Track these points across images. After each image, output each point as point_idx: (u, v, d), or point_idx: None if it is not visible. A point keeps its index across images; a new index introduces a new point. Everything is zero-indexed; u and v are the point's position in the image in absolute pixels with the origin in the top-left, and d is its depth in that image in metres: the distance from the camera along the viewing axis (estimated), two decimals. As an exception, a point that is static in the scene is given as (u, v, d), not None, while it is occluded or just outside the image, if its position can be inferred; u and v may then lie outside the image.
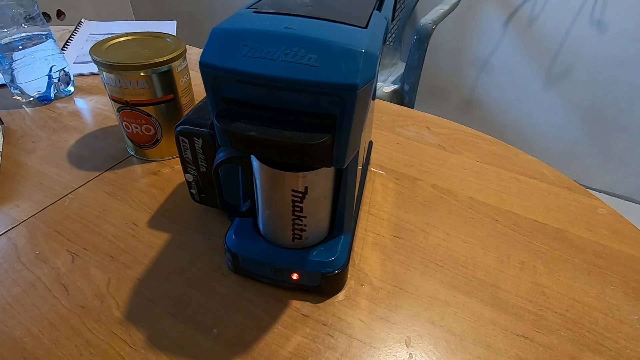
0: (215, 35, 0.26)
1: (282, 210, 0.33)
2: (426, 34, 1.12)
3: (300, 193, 0.31)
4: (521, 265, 0.41)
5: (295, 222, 0.33)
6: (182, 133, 0.39)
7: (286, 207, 0.32)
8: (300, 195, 0.31)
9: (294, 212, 0.33)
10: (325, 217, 0.35)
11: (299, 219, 0.33)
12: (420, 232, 0.44)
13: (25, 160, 0.53)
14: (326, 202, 0.34)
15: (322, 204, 0.34)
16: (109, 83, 0.47)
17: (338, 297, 0.37)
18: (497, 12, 1.58)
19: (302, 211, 0.33)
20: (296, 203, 0.32)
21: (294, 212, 0.33)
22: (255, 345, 0.33)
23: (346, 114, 0.25)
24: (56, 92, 0.66)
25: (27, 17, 0.58)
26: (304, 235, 0.35)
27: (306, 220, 0.33)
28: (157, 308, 0.35)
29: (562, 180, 0.52)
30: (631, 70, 1.45)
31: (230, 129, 0.26)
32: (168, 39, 0.51)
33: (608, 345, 0.34)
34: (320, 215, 0.35)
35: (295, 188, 0.31)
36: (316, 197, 0.32)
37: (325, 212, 0.35)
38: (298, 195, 0.31)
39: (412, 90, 1.25)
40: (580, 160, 1.71)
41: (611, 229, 0.45)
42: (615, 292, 0.38)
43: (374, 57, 0.25)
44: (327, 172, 0.32)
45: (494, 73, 1.70)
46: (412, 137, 0.60)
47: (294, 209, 0.32)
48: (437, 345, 0.33)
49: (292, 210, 0.32)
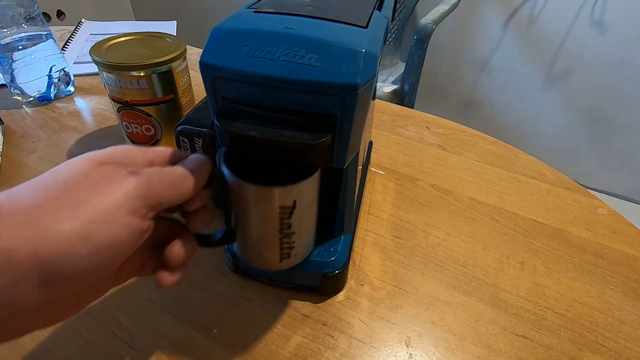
0: (215, 35, 0.26)
1: (267, 230, 0.28)
2: (426, 34, 1.12)
3: (289, 208, 0.27)
4: (521, 265, 0.41)
5: (283, 240, 0.29)
6: (183, 133, 0.39)
7: (272, 226, 0.28)
8: (289, 211, 0.27)
9: (282, 231, 0.28)
10: (314, 225, 0.32)
11: (287, 236, 0.29)
12: (420, 232, 0.44)
13: (25, 160, 0.53)
14: (313, 207, 0.30)
15: (310, 213, 0.30)
16: (109, 83, 0.47)
17: (338, 297, 0.37)
18: (497, 12, 1.58)
19: (291, 227, 0.28)
20: (284, 220, 0.28)
21: (282, 231, 0.28)
22: (255, 345, 0.33)
23: (346, 114, 0.25)
24: (56, 92, 0.66)
25: (27, 17, 0.58)
26: (293, 253, 0.31)
27: (295, 236, 0.29)
28: (157, 308, 0.35)
29: (562, 180, 0.52)
30: (631, 70, 1.45)
31: (231, 129, 0.26)
32: (168, 39, 0.51)
33: (608, 345, 0.34)
34: (309, 226, 0.31)
35: (284, 204, 0.27)
36: (305, 206, 0.28)
37: (313, 220, 0.31)
38: (286, 212, 0.27)
39: (412, 90, 1.25)
40: (580, 160, 1.71)
41: (611, 229, 0.45)
42: (615, 292, 0.38)
43: (374, 57, 0.25)
44: (316, 178, 0.28)
45: (494, 73, 1.70)
46: (412, 137, 0.60)
47: (282, 227, 0.28)
48: (437, 345, 0.33)
49: (280, 228, 0.28)
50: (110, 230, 0.20)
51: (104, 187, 0.20)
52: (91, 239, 0.19)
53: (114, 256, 0.20)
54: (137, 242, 0.21)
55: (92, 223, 0.19)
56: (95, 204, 0.20)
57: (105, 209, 0.20)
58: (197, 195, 0.25)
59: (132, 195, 0.21)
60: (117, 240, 0.20)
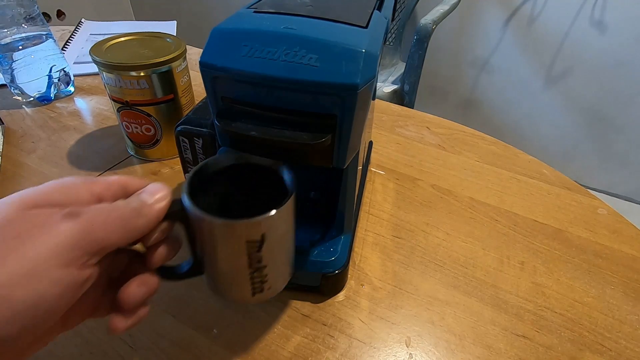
0: (215, 35, 0.26)
1: (235, 265, 0.26)
2: (426, 34, 1.12)
3: (257, 242, 0.24)
4: (521, 266, 0.41)
5: (254, 275, 0.26)
6: (183, 133, 0.39)
7: (240, 262, 0.25)
8: (258, 245, 0.24)
9: (251, 266, 0.25)
10: (290, 255, 0.29)
11: (258, 271, 0.26)
12: (420, 232, 0.44)
13: (25, 160, 0.53)
14: (288, 237, 0.27)
15: (284, 243, 0.27)
16: (109, 83, 0.47)
17: (338, 297, 0.37)
18: (497, 12, 1.58)
19: (262, 261, 0.26)
20: (253, 255, 0.25)
21: (251, 266, 0.25)
22: (255, 345, 0.33)
23: (346, 114, 0.26)
24: (56, 92, 0.66)
25: (27, 17, 0.58)
26: (266, 287, 0.28)
27: (268, 269, 0.26)
28: (157, 308, 0.35)
29: (562, 180, 0.52)
30: (631, 70, 1.45)
31: (231, 129, 0.26)
32: (168, 39, 0.51)
33: (608, 345, 0.34)
34: (284, 258, 0.28)
35: (251, 238, 0.24)
36: (277, 238, 0.26)
37: (289, 250, 0.28)
38: (255, 246, 0.24)
39: (412, 90, 1.25)
40: (580, 160, 1.71)
41: (611, 229, 0.45)
42: (615, 292, 0.38)
43: (374, 57, 0.25)
44: (288, 207, 0.25)
45: (494, 73, 1.70)
46: (412, 137, 0.60)
47: (251, 261, 0.25)
48: (437, 345, 0.33)
49: (249, 263, 0.25)
50: (36, 289, 0.17)
51: (32, 236, 0.18)
52: (12, 300, 0.16)
53: (45, 316, 0.18)
54: (74, 296, 0.19)
55: (12, 281, 0.17)
56: (18, 258, 0.17)
57: (31, 264, 0.17)
58: (156, 229, 0.23)
59: (66, 245, 0.18)
60: (45, 299, 0.17)
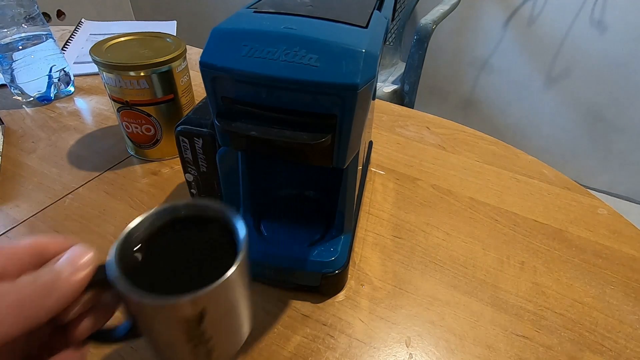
0: (215, 35, 0.26)
1: (173, 341, 0.23)
2: (426, 34, 1.12)
3: (196, 318, 0.21)
4: (521, 265, 0.41)
5: (198, 348, 0.23)
6: (183, 133, 0.39)
7: (178, 338, 0.22)
8: (197, 320, 0.21)
9: (191, 340, 0.22)
10: (242, 321, 0.25)
11: (202, 344, 0.23)
12: (420, 232, 0.44)
13: (25, 160, 0.53)
14: (239, 303, 0.24)
15: (234, 310, 0.24)
16: (109, 83, 0.47)
17: (338, 297, 0.37)
18: (497, 12, 1.58)
19: (205, 335, 0.22)
20: (192, 331, 0.22)
21: (191, 340, 0.22)
22: (255, 345, 0.33)
23: (346, 114, 0.26)
24: (56, 92, 0.66)
25: (27, 17, 0.58)
26: (215, 356, 0.24)
27: (213, 341, 0.23)
28: (157, 308, 0.35)
29: (562, 180, 0.52)
30: (631, 70, 1.45)
31: (231, 129, 0.26)
32: (168, 39, 0.51)
33: (608, 345, 0.34)
34: (233, 326, 0.25)
35: (187, 316, 0.21)
36: (223, 309, 0.23)
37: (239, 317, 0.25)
38: (193, 322, 0.21)
39: (412, 90, 1.25)
40: (580, 160, 1.71)
41: (611, 229, 0.45)
42: (615, 292, 0.38)
43: (374, 57, 0.25)
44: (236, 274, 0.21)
45: (494, 73, 1.70)
46: (412, 137, 0.60)
47: (191, 337, 0.22)
48: (437, 345, 0.33)
49: (188, 339, 0.22)
50: None
51: None
52: None
53: None
54: None
55: None
56: None
57: None
58: (77, 302, 0.19)
59: None
60: None
